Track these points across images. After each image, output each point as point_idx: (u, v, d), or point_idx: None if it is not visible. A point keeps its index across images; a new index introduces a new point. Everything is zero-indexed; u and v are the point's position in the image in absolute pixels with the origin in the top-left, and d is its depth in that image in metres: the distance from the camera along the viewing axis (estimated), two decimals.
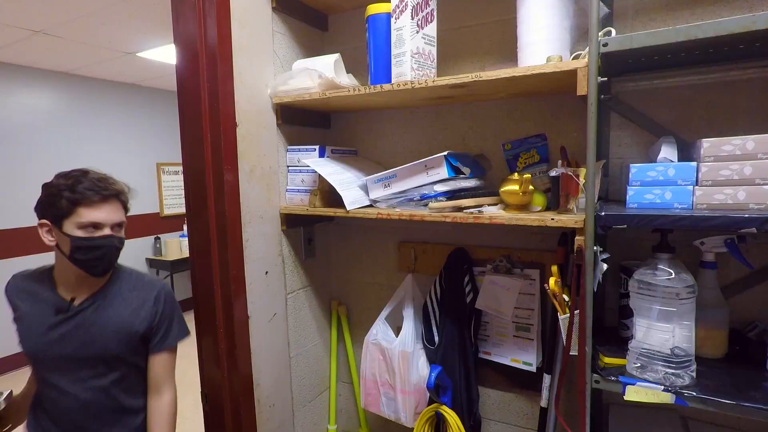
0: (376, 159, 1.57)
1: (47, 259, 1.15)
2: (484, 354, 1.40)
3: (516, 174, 1.08)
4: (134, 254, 4.77)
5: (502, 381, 1.42)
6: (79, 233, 1.06)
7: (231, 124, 1.23)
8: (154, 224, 5.07)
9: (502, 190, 1.09)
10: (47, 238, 1.09)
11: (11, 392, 1.21)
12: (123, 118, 4.73)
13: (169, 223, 5.24)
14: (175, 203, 5.28)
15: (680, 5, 1.09)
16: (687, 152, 1.00)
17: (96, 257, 1.08)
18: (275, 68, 1.40)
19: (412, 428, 1.38)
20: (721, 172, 0.86)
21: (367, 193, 1.30)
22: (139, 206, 4.90)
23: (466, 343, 1.35)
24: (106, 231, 1.09)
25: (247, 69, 1.28)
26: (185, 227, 4.86)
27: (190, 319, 1.19)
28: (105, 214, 1.09)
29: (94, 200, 1.07)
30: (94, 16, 2.69)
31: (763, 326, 1.04)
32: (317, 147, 1.38)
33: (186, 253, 4.73)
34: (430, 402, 1.36)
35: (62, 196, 1.05)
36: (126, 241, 1.18)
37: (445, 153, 1.12)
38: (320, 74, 1.25)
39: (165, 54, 3.55)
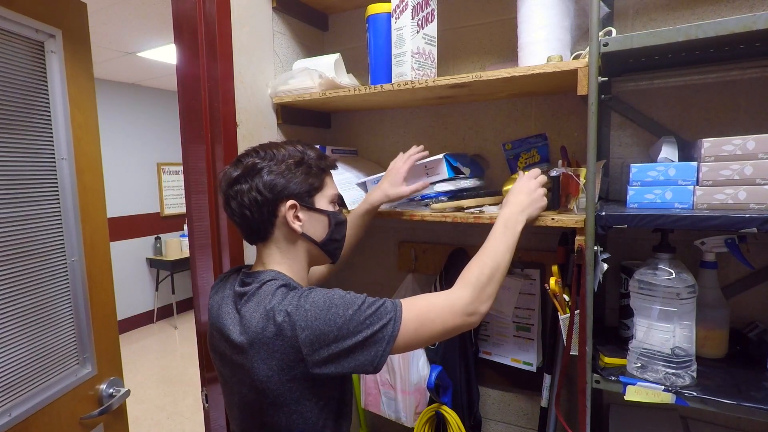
0: (376, 159, 1.57)
1: None
2: (485, 354, 1.40)
3: (519, 172, 1.08)
4: (135, 254, 4.78)
5: (503, 381, 1.42)
6: (332, 208, 0.89)
7: (231, 124, 1.23)
8: (155, 224, 5.08)
9: (505, 189, 1.09)
10: (297, 224, 0.84)
11: (128, 391, 1.19)
12: (123, 118, 4.73)
13: (170, 223, 5.24)
14: (175, 203, 5.29)
15: (681, 5, 1.09)
16: (687, 152, 1.00)
17: (345, 234, 0.94)
18: (275, 68, 1.40)
19: (413, 428, 1.38)
20: (721, 172, 0.86)
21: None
22: (139, 206, 4.92)
23: (467, 343, 1.35)
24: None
25: (247, 69, 1.28)
26: (186, 227, 4.87)
27: (190, 319, 1.20)
28: None
29: (334, 169, 0.92)
30: (94, 16, 2.69)
31: (763, 326, 1.04)
32: (317, 147, 1.38)
33: (186, 253, 4.74)
34: (431, 402, 1.36)
35: (311, 164, 0.86)
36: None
37: (443, 154, 1.12)
38: (320, 74, 1.25)
39: (165, 54, 3.55)
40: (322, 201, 0.88)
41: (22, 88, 0.99)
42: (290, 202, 0.83)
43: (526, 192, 0.98)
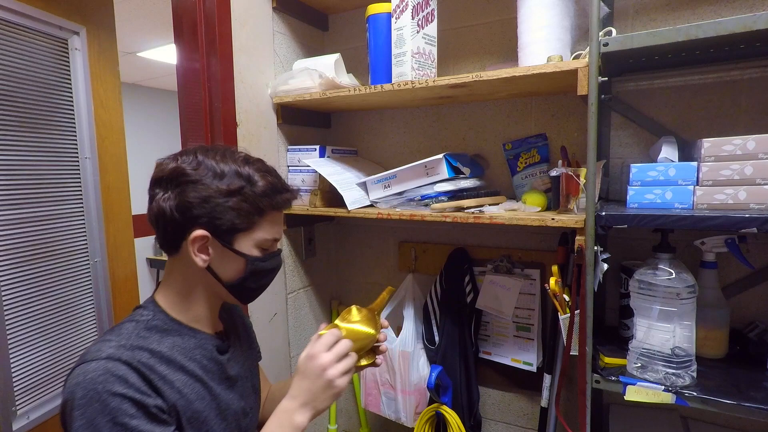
0: (376, 159, 1.57)
1: None
2: (485, 354, 1.40)
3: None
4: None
5: (503, 381, 1.42)
6: (256, 252, 0.74)
7: (231, 124, 1.23)
8: None
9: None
10: (201, 257, 0.70)
11: None
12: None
13: None
14: None
15: (681, 5, 1.09)
16: (688, 152, 1.00)
17: (268, 282, 0.80)
18: (276, 68, 1.40)
19: (413, 428, 1.38)
20: (721, 172, 0.86)
21: (367, 194, 1.30)
22: (139, 206, 4.91)
23: (467, 342, 1.35)
24: (277, 245, 0.80)
25: (247, 69, 1.28)
26: None
27: None
28: (282, 224, 0.84)
29: (282, 209, 0.77)
30: None
31: (763, 326, 1.04)
32: (318, 147, 1.38)
33: None
34: (431, 402, 1.36)
35: (247, 199, 0.70)
36: None
37: (443, 154, 1.12)
38: (321, 74, 1.25)
39: (165, 54, 3.55)
40: (245, 243, 0.72)
41: (45, 86, 0.98)
42: (200, 232, 0.68)
43: (313, 374, 0.72)
